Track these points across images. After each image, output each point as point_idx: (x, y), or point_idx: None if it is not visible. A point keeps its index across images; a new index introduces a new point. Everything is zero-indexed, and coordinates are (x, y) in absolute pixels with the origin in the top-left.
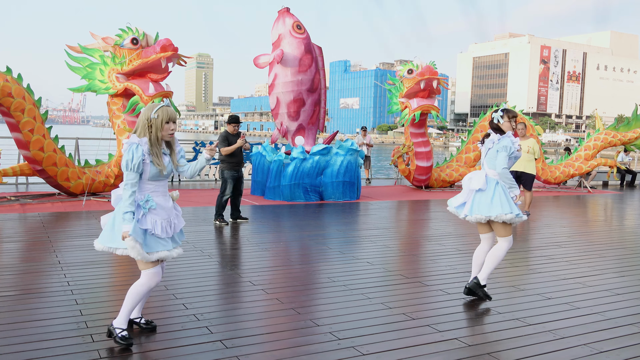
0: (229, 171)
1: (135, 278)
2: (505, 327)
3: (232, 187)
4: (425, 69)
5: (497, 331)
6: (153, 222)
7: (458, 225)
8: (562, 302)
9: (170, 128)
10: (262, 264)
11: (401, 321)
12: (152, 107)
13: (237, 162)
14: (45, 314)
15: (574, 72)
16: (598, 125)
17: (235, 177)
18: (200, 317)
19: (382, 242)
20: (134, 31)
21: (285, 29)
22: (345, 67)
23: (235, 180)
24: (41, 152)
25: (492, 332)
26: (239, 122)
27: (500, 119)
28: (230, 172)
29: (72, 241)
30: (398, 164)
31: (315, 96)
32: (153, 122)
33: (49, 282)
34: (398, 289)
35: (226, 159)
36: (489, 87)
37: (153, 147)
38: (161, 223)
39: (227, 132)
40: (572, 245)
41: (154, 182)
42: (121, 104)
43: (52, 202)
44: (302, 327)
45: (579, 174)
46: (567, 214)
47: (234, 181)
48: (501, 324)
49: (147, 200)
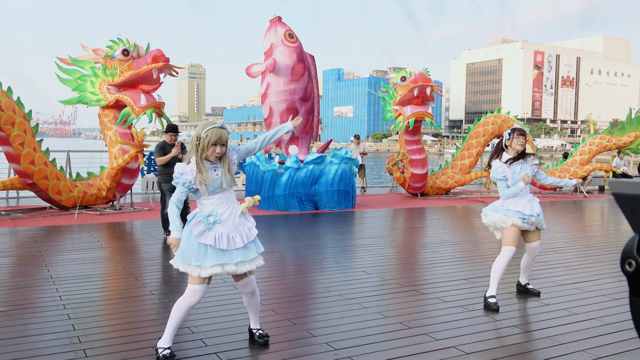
0: (166, 183)
1: (129, 292)
2: (504, 334)
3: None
4: (419, 76)
5: (495, 338)
6: (218, 235)
7: (455, 232)
8: (560, 308)
9: (216, 151)
10: (257, 275)
11: (398, 330)
12: (205, 126)
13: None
14: (38, 330)
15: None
16: (592, 130)
17: (174, 189)
18: (195, 329)
19: (378, 251)
20: (125, 42)
21: (277, 38)
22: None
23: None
24: (32, 165)
25: (490, 340)
26: (177, 131)
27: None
28: (167, 185)
29: (64, 255)
30: (393, 172)
31: (309, 105)
32: (201, 141)
33: (41, 297)
34: (394, 298)
35: (163, 170)
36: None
37: (198, 165)
38: (227, 235)
39: (164, 141)
40: (569, 251)
41: (215, 196)
42: (112, 115)
43: (43, 215)
44: (299, 338)
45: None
46: (564, 219)
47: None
48: (499, 331)
49: (210, 214)
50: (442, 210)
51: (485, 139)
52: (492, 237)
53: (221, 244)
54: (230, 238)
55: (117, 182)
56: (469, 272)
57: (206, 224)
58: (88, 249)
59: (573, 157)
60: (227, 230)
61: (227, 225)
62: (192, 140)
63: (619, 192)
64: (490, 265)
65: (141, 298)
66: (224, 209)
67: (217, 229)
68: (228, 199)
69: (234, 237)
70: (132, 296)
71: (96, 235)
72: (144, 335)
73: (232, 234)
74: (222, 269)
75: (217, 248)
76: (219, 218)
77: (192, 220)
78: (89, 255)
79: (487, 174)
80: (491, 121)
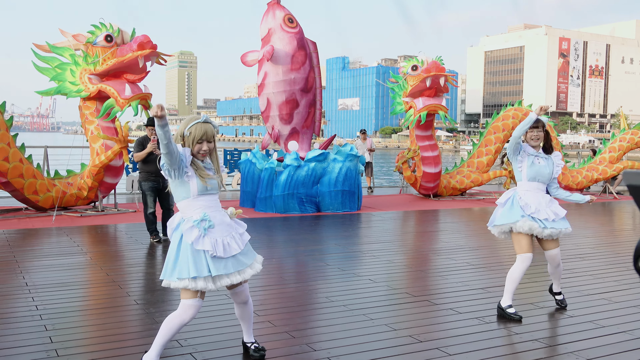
0: (145, 182)
1: (111, 301)
2: (523, 348)
3: (153, 199)
4: (431, 64)
5: (514, 354)
6: (214, 241)
7: (470, 237)
8: (586, 320)
9: (203, 149)
10: (253, 283)
11: (407, 344)
12: (188, 122)
13: (154, 171)
14: (11, 342)
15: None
16: (623, 124)
17: (155, 189)
18: (184, 342)
19: (385, 257)
20: (108, 27)
21: (275, 22)
22: (343, 64)
23: (155, 192)
24: (6, 162)
25: (508, 355)
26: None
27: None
28: (147, 184)
29: (41, 261)
30: (403, 171)
31: (310, 97)
32: (185, 140)
33: (15, 306)
34: (404, 309)
35: (142, 168)
36: (503, 84)
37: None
38: (222, 241)
39: (145, 136)
40: (596, 258)
41: (204, 197)
42: (94, 108)
43: (18, 217)
44: (298, 353)
45: (604, 178)
46: (591, 223)
47: (155, 193)
48: (518, 345)
49: (204, 219)
50: (456, 213)
51: (505, 135)
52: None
53: (218, 251)
54: (225, 244)
55: (99, 181)
56: (485, 281)
57: (200, 229)
58: (67, 254)
59: (602, 154)
60: (221, 236)
61: (219, 230)
62: (174, 139)
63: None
64: None
65: (125, 308)
66: (215, 213)
67: (212, 235)
68: (217, 202)
69: (229, 243)
70: (115, 306)
71: (76, 239)
72: (127, 349)
73: (226, 239)
74: (228, 280)
75: (213, 256)
76: (212, 223)
77: (184, 226)
78: (68, 261)
79: (507, 172)
80: (511, 115)
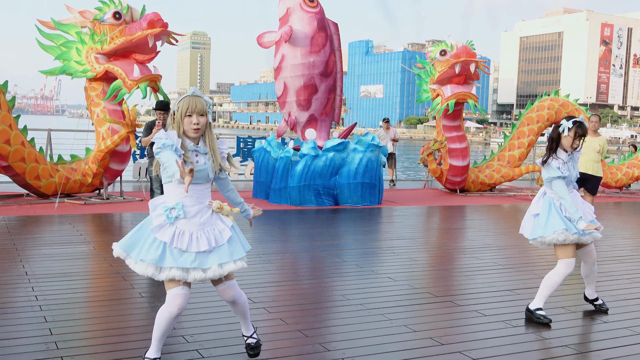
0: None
1: (115, 293)
2: (552, 355)
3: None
4: (461, 49)
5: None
6: (179, 233)
7: (499, 235)
8: (622, 327)
9: (193, 122)
10: (265, 279)
11: (428, 347)
12: (179, 99)
13: None
14: (10, 333)
15: None
16: None
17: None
18: (190, 338)
19: (407, 255)
20: (117, 4)
21: (294, 1)
22: (367, 48)
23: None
24: (7, 145)
25: None
26: (168, 109)
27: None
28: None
29: (42, 249)
30: (428, 163)
31: (330, 82)
32: (175, 117)
33: (14, 296)
34: (425, 310)
35: (150, 154)
36: (539, 73)
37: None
38: (190, 234)
39: (154, 121)
40: (635, 261)
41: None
42: (101, 89)
43: (19, 204)
44: (310, 352)
45: None
46: (630, 223)
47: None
48: (548, 351)
49: (175, 207)
50: (485, 210)
51: (540, 127)
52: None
53: (179, 243)
54: (193, 238)
55: (104, 167)
56: (513, 283)
57: (167, 217)
58: (70, 244)
59: None
60: (190, 229)
61: (192, 223)
62: (169, 119)
63: None
64: (540, 274)
65: (129, 301)
66: (193, 203)
67: (179, 225)
68: (201, 193)
69: (199, 237)
70: (118, 298)
71: (79, 227)
72: (130, 343)
73: (197, 233)
74: (183, 274)
75: (173, 247)
76: (182, 213)
77: (156, 211)
78: (70, 250)
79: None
80: (547, 105)
